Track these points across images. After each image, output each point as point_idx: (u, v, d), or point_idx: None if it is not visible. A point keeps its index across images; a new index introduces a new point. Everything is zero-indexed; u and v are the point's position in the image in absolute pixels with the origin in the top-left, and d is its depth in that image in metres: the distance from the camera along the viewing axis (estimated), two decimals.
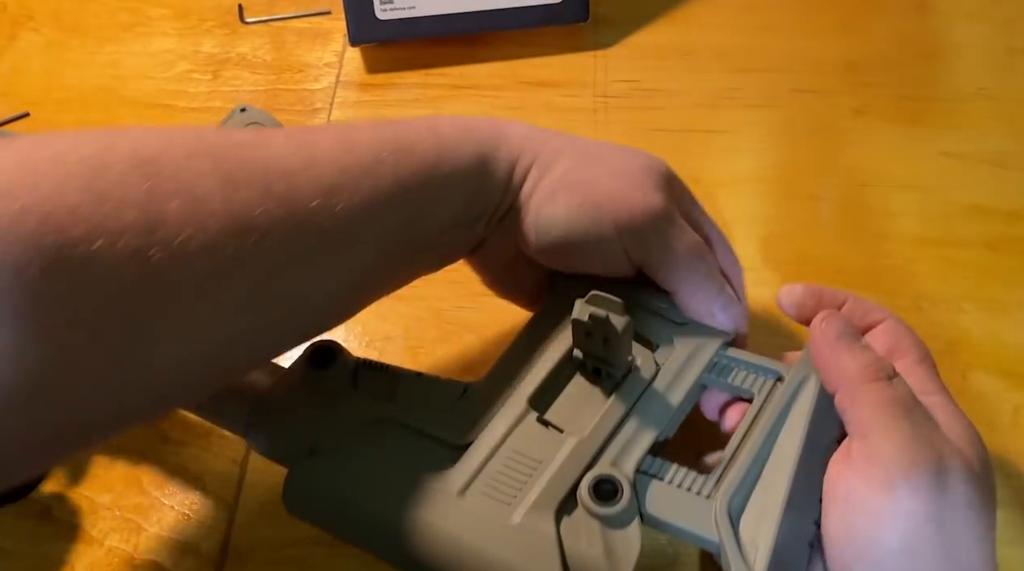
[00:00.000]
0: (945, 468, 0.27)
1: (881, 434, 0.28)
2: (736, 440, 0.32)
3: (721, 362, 0.34)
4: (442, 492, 0.30)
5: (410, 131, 0.33)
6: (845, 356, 0.30)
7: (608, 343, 0.32)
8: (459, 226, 0.34)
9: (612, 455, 0.31)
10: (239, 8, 0.64)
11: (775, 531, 0.28)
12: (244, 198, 0.27)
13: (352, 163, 0.30)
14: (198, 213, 0.26)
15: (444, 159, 0.33)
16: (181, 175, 0.26)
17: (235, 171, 0.27)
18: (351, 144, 0.31)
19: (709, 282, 0.34)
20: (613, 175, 0.34)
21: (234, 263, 0.26)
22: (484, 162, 0.34)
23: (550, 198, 0.34)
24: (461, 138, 0.34)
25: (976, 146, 0.53)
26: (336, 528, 0.32)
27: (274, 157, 0.29)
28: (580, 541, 0.29)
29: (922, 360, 0.33)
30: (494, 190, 0.34)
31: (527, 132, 0.36)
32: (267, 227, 0.27)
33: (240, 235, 0.27)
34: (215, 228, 0.26)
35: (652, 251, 0.34)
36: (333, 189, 0.29)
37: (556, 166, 0.35)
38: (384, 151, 0.31)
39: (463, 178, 0.33)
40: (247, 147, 0.29)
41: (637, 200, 0.34)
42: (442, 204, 0.33)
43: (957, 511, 0.27)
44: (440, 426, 0.33)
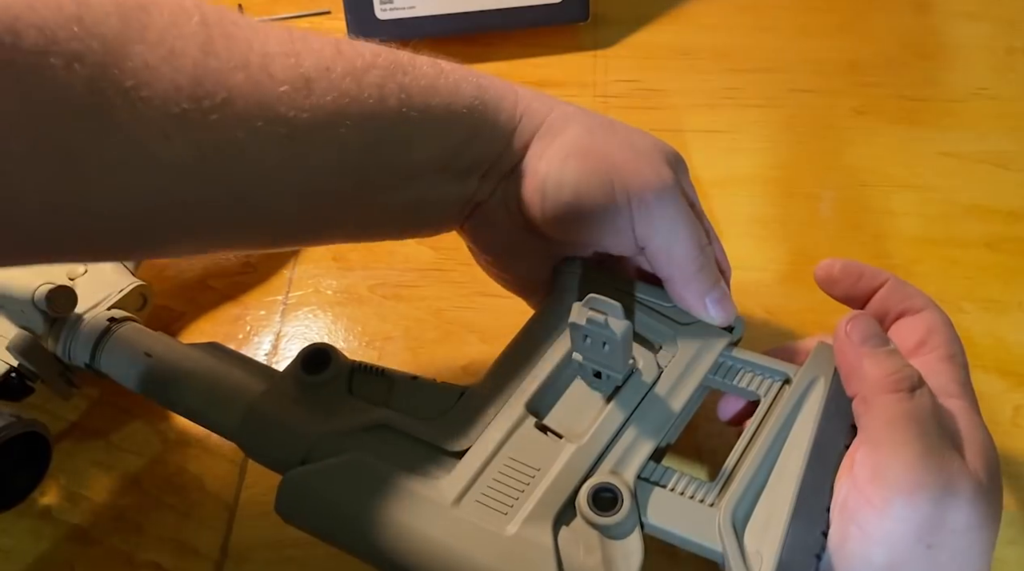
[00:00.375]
0: (950, 491, 0.26)
1: (889, 449, 0.27)
2: (741, 445, 0.31)
3: (726, 363, 0.34)
4: (437, 501, 0.30)
5: (409, 61, 0.32)
6: (867, 361, 0.29)
7: (607, 347, 0.31)
8: (446, 171, 0.33)
9: (612, 462, 0.30)
10: (239, 8, 0.64)
11: (781, 541, 0.27)
12: (215, 66, 0.27)
13: (337, 64, 0.30)
14: (163, 65, 0.25)
15: (438, 88, 0.32)
16: (162, 26, 0.26)
17: (217, 39, 0.27)
18: (343, 50, 0.30)
19: (705, 272, 0.34)
20: (625, 147, 0.34)
21: (184, 122, 0.26)
22: (484, 107, 0.33)
23: (561, 161, 0.33)
24: (462, 77, 0.33)
25: (976, 146, 0.53)
26: (330, 536, 0.31)
27: (261, 40, 0.28)
28: (578, 552, 0.28)
29: (951, 357, 0.31)
30: (493, 140, 0.33)
31: (536, 94, 0.35)
32: (227, 98, 0.27)
33: (197, 98, 0.26)
34: (174, 84, 0.26)
35: (657, 227, 0.33)
36: (308, 81, 0.29)
37: (567, 131, 0.34)
38: (376, 65, 0.31)
39: (456, 114, 0.32)
40: (240, 25, 0.28)
41: (649, 173, 0.33)
42: (428, 135, 0.32)
43: (954, 535, 0.26)
44: (435, 432, 0.32)
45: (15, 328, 0.40)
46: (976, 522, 0.26)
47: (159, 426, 0.43)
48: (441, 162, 0.33)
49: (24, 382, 0.41)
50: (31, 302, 0.39)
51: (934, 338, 0.32)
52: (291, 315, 0.48)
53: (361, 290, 0.48)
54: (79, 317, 0.40)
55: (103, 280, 0.42)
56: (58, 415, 0.43)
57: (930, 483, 0.26)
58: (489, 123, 0.33)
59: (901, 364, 0.29)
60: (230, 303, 0.48)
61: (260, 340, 0.47)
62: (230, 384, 0.35)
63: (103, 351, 0.39)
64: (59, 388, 0.41)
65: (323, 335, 0.47)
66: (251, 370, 0.36)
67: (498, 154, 0.34)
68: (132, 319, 0.41)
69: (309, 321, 0.48)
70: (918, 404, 0.28)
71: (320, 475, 0.31)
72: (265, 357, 0.46)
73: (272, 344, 0.47)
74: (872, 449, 0.28)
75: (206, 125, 0.26)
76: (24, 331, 0.40)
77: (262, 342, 0.47)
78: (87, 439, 0.43)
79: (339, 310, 0.48)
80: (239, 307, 0.48)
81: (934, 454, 0.27)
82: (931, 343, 0.32)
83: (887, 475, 0.26)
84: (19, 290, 0.39)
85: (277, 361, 0.46)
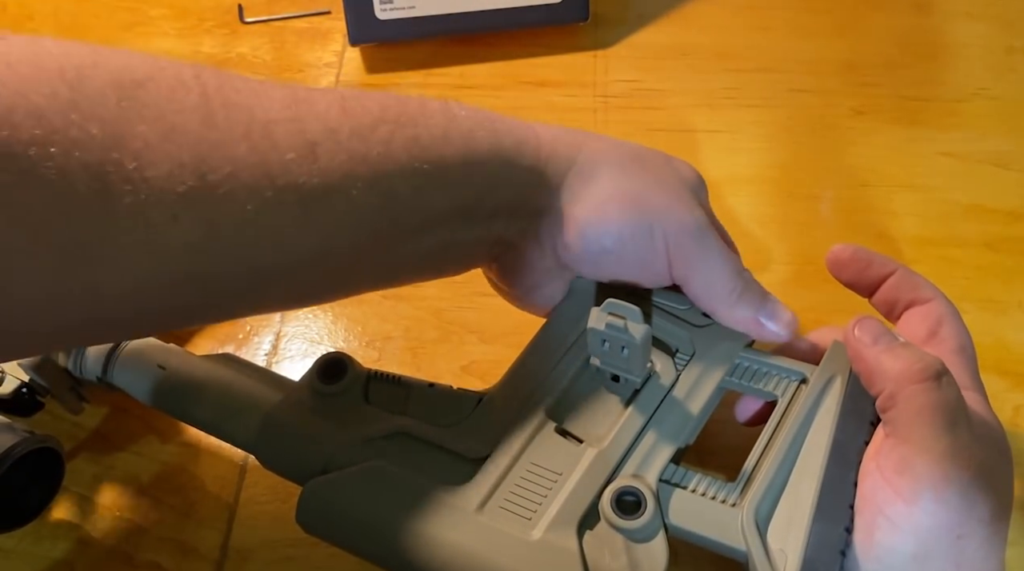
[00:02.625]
0: (976, 483, 0.26)
1: (918, 443, 0.27)
2: (761, 445, 0.31)
3: (743, 364, 0.34)
4: (460, 508, 0.30)
5: (419, 109, 0.31)
6: (886, 357, 0.29)
7: (626, 352, 0.31)
8: (469, 217, 0.32)
9: (634, 465, 0.30)
10: (239, 8, 0.64)
11: (805, 539, 0.28)
12: (217, 138, 0.26)
13: (343, 125, 0.29)
14: (164, 143, 0.25)
15: (451, 138, 0.31)
16: (160, 103, 0.25)
17: (218, 110, 0.26)
18: (349, 107, 0.29)
19: (748, 295, 0.33)
20: (658, 188, 0.34)
21: (190, 199, 0.25)
22: (504, 152, 0.32)
23: (600, 207, 0.33)
24: (476, 123, 0.32)
25: (976, 146, 0.53)
26: (353, 546, 0.31)
27: (263, 104, 0.28)
28: (604, 556, 0.28)
29: (961, 350, 0.31)
30: (517, 185, 0.33)
31: (559, 134, 0.35)
32: (232, 171, 0.26)
33: (201, 174, 0.25)
34: (178, 161, 0.25)
35: (693, 266, 0.33)
36: (314, 146, 0.28)
37: (601, 173, 0.34)
38: (384, 120, 0.30)
39: (473, 163, 0.32)
40: (241, 92, 0.27)
41: (684, 213, 0.33)
42: (444, 186, 0.31)
43: (981, 524, 0.26)
44: (455, 439, 0.32)
45: None
46: (996, 513, 0.27)
47: (159, 426, 0.43)
48: (461, 210, 0.32)
49: (35, 397, 0.40)
50: None
51: (944, 329, 0.32)
52: (291, 315, 0.48)
53: None
54: None
55: None
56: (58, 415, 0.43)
57: (957, 475, 0.26)
58: (510, 168, 0.33)
59: (921, 354, 0.29)
60: None
61: (260, 340, 0.47)
62: (245, 395, 0.35)
63: (115, 364, 0.39)
64: (70, 403, 0.41)
65: (323, 335, 0.47)
66: (266, 380, 0.36)
67: (524, 197, 0.33)
68: None
69: (309, 321, 0.48)
70: (946, 394, 0.28)
71: (341, 485, 0.31)
72: (265, 357, 0.46)
73: (272, 344, 0.47)
74: (899, 441, 0.27)
75: (213, 200, 0.26)
76: None
77: (262, 342, 0.47)
78: (87, 439, 0.43)
79: (339, 310, 0.48)
80: None
81: (962, 446, 0.27)
82: (941, 334, 0.32)
83: (916, 467, 0.27)
84: None
85: (277, 361, 0.46)
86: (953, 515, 0.26)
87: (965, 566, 0.26)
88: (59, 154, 0.23)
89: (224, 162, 0.26)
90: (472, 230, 0.33)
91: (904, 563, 0.26)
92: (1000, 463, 0.28)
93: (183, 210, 0.25)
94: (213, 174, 0.26)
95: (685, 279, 0.34)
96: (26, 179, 0.23)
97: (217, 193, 0.26)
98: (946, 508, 0.26)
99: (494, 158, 0.32)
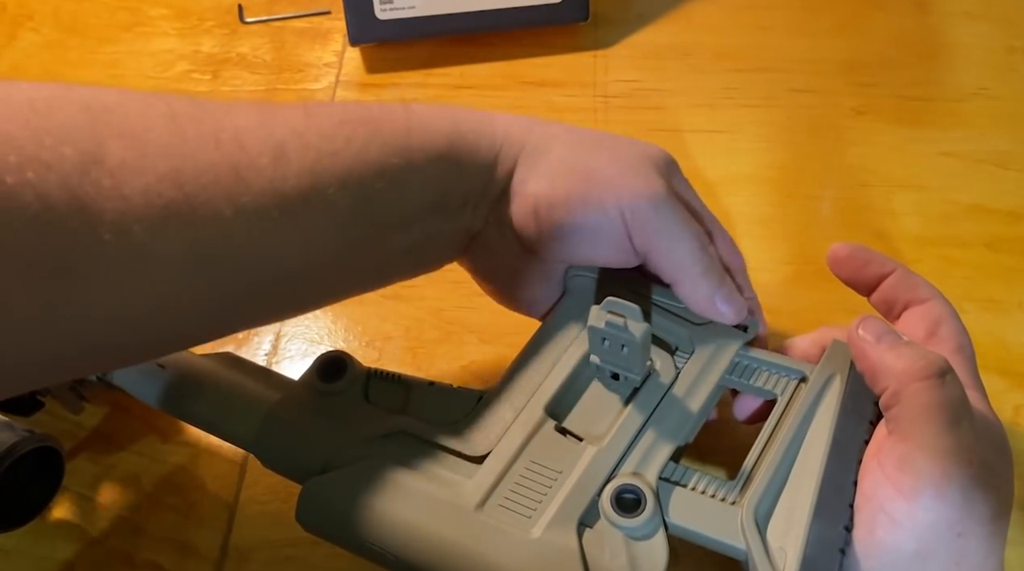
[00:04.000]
0: (977, 481, 0.26)
1: (920, 440, 0.27)
2: (760, 443, 0.31)
3: (742, 363, 0.34)
4: (459, 506, 0.30)
5: (380, 109, 0.32)
6: (890, 355, 0.29)
7: (625, 350, 0.31)
8: (438, 212, 0.33)
9: (633, 464, 0.30)
10: (239, 8, 0.64)
11: (804, 537, 0.28)
12: (190, 149, 0.26)
13: (308, 127, 0.29)
14: (140, 158, 0.25)
15: (413, 131, 0.32)
16: (131, 122, 0.26)
17: (187, 125, 0.27)
18: (313, 114, 0.30)
19: (710, 273, 0.33)
20: (612, 161, 0.34)
21: (171, 211, 0.26)
22: (462, 140, 0.33)
23: (548, 182, 0.33)
24: (433, 119, 0.33)
25: (976, 146, 0.53)
26: (352, 545, 0.31)
27: (230, 116, 0.28)
28: (603, 554, 0.28)
29: (960, 349, 0.31)
30: (477, 171, 0.33)
31: (513, 119, 0.35)
32: (208, 179, 0.26)
33: (178, 184, 0.26)
34: (154, 173, 0.25)
35: (654, 236, 0.33)
36: (282, 146, 0.28)
37: (551, 150, 0.34)
38: (346, 123, 0.30)
39: (437, 153, 0.32)
40: (207, 109, 0.28)
41: (639, 184, 0.33)
42: (412, 184, 0.32)
43: (981, 523, 0.26)
44: (455, 437, 0.32)
45: None
46: (996, 511, 0.27)
47: (159, 426, 0.43)
48: (432, 203, 0.33)
49: (35, 397, 0.41)
50: None
51: (943, 329, 0.32)
52: None
53: None
54: None
55: None
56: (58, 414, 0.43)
57: (959, 473, 0.26)
58: (470, 156, 0.33)
59: (925, 352, 0.29)
60: None
61: (260, 340, 0.47)
62: (245, 394, 0.35)
63: None
64: (70, 403, 0.41)
65: (323, 335, 0.47)
66: (266, 380, 0.36)
67: (484, 183, 0.34)
68: None
69: (309, 321, 0.48)
70: (949, 392, 0.28)
71: (341, 483, 0.31)
72: (265, 357, 0.46)
73: (272, 344, 0.47)
74: (901, 438, 0.28)
75: (193, 210, 0.26)
76: None
77: (262, 342, 0.47)
78: (87, 439, 0.43)
79: (339, 310, 0.48)
80: None
81: (964, 444, 0.27)
82: (940, 334, 0.32)
83: (917, 464, 0.27)
84: None
85: (277, 361, 0.46)
86: (954, 513, 0.26)
87: (965, 564, 0.26)
88: (35, 179, 0.23)
89: (199, 171, 0.26)
90: (445, 223, 0.34)
91: (904, 561, 0.26)
92: (1001, 462, 0.28)
93: (165, 223, 0.26)
94: (190, 184, 0.26)
95: (647, 250, 0.33)
96: (6, 207, 0.23)
97: (196, 201, 0.26)
98: (947, 505, 0.26)
99: (455, 148, 0.33)
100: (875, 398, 0.30)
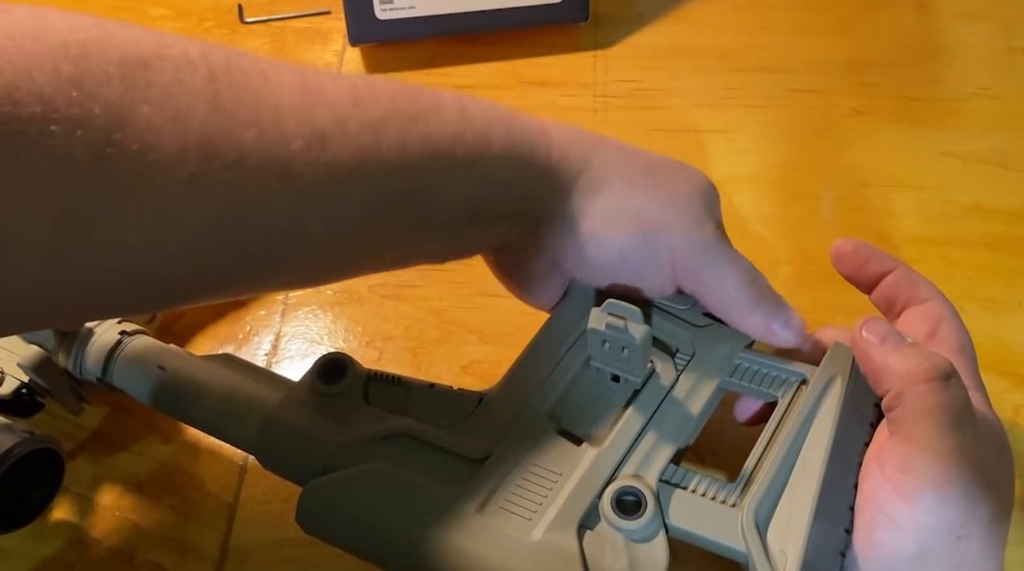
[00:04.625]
0: (978, 483, 0.26)
1: (922, 443, 0.27)
2: (761, 445, 0.31)
3: (743, 365, 0.34)
4: (460, 508, 0.30)
5: (433, 101, 0.30)
6: (894, 357, 0.29)
7: (626, 352, 0.31)
8: (473, 219, 0.32)
9: (634, 466, 0.30)
10: (239, 8, 0.64)
11: (804, 540, 0.28)
12: (225, 124, 0.25)
13: (354, 115, 0.28)
14: (170, 125, 0.24)
15: (464, 137, 0.30)
16: (166, 84, 0.25)
17: (226, 94, 0.26)
18: (360, 98, 0.29)
19: (763, 302, 0.33)
20: (667, 203, 0.33)
21: (194, 183, 0.25)
22: (514, 157, 0.32)
23: (602, 223, 0.33)
24: (490, 122, 0.31)
25: (976, 146, 0.53)
26: (352, 546, 0.31)
27: (272, 90, 0.27)
28: (604, 557, 0.28)
29: (960, 349, 0.31)
30: (525, 190, 0.33)
31: (569, 136, 0.34)
32: (238, 157, 0.25)
33: (207, 158, 0.25)
34: (183, 144, 0.24)
35: (702, 281, 0.33)
36: (323, 137, 0.27)
37: (608, 187, 0.33)
38: (396, 114, 0.29)
39: (484, 165, 0.31)
40: (250, 75, 0.27)
41: (690, 230, 0.33)
42: (453, 186, 0.31)
43: (982, 526, 0.26)
44: (455, 439, 0.32)
45: (24, 344, 0.40)
46: (996, 514, 0.27)
47: (159, 426, 0.43)
48: (468, 212, 0.32)
49: (35, 398, 0.40)
50: None
51: (943, 329, 0.32)
52: (291, 315, 0.48)
53: (361, 290, 0.48)
54: (90, 331, 0.40)
55: None
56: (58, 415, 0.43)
57: (960, 476, 0.26)
58: (519, 174, 0.32)
59: (929, 354, 0.29)
60: (230, 303, 0.48)
61: (260, 340, 0.47)
62: (245, 396, 0.35)
63: (115, 365, 0.39)
64: (69, 404, 0.41)
65: (323, 335, 0.47)
66: (266, 381, 0.36)
67: (530, 203, 0.33)
68: (142, 332, 0.41)
69: (309, 321, 0.48)
70: (953, 394, 0.28)
71: (342, 485, 0.31)
72: (265, 357, 0.46)
73: (272, 344, 0.47)
74: (903, 440, 0.27)
75: (217, 185, 0.25)
76: (35, 346, 0.40)
77: (262, 342, 0.47)
78: (87, 440, 0.43)
79: (339, 310, 0.48)
80: (239, 307, 0.48)
81: (966, 447, 0.27)
82: (940, 334, 0.32)
83: (918, 466, 0.26)
84: None
85: (277, 361, 0.46)
86: (954, 515, 0.26)
87: (965, 567, 0.26)
88: (60, 133, 0.22)
89: (230, 148, 0.25)
90: (477, 231, 0.33)
91: (904, 564, 0.26)
92: (1001, 463, 0.28)
93: (186, 194, 0.25)
94: (218, 159, 0.25)
95: (696, 292, 0.34)
96: (26, 157, 0.22)
97: (221, 179, 0.25)
98: (947, 508, 0.26)
99: (506, 161, 0.32)
100: (876, 400, 0.30)
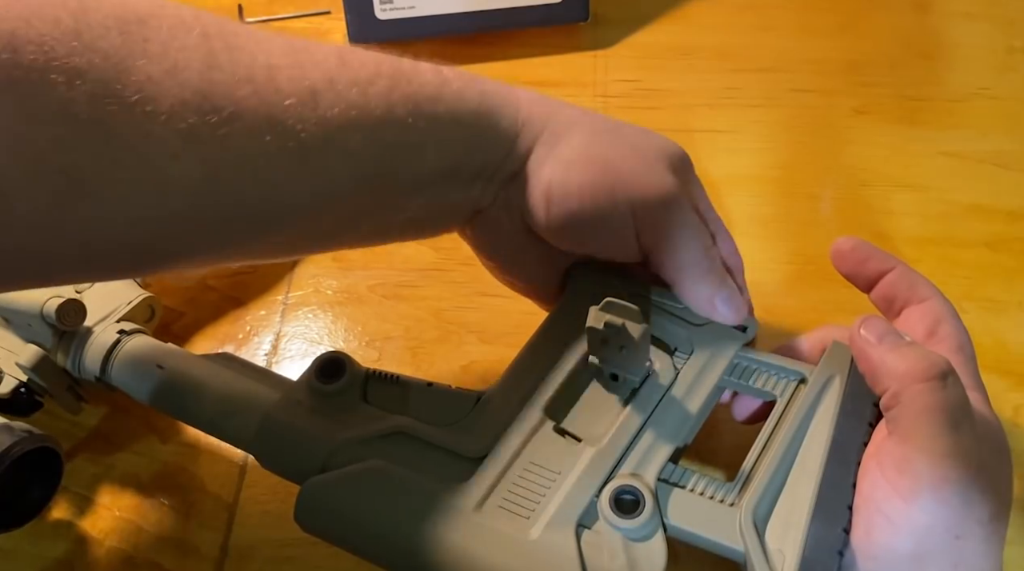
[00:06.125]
0: (976, 483, 0.26)
1: (920, 442, 0.27)
2: (759, 445, 0.31)
3: (741, 364, 0.34)
4: (458, 507, 0.30)
5: (413, 68, 0.32)
6: (892, 356, 0.29)
7: (624, 351, 0.31)
8: (453, 178, 0.33)
9: (632, 465, 0.30)
10: (239, 8, 0.64)
11: (803, 540, 0.28)
12: (221, 79, 0.26)
13: (341, 75, 0.29)
14: (167, 79, 0.25)
15: (443, 97, 0.32)
16: (164, 39, 0.25)
17: (220, 51, 0.26)
18: (347, 60, 0.30)
19: (712, 274, 0.33)
20: (629, 154, 0.34)
21: (191, 138, 0.25)
22: (487, 113, 0.33)
23: (564, 170, 0.33)
24: (465, 84, 0.33)
25: (976, 146, 0.53)
26: (351, 545, 0.31)
27: (264, 51, 0.28)
28: (602, 556, 0.28)
29: (960, 349, 0.31)
30: (496, 146, 0.33)
31: (538, 98, 0.35)
32: (234, 112, 0.26)
33: (204, 112, 0.25)
34: (180, 98, 0.25)
35: (661, 235, 0.33)
36: (314, 93, 0.28)
37: (570, 138, 0.34)
38: (380, 74, 0.30)
39: (461, 122, 0.32)
40: (241, 36, 0.28)
41: (652, 181, 0.33)
42: (435, 144, 0.32)
43: (979, 525, 0.26)
44: (453, 438, 0.32)
45: (23, 343, 0.40)
46: (995, 513, 0.27)
47: (158, 426, 0.43)
48: (448, 170, 0.33)
49: (33, 397, 0.41)
50: (40, 316, 0.39)
51: (942, 328, 0.32)
52: (291, 315, 0.48)
53: (361, 290, 0.48)
54: (88, 330, 0.40)
55: (111, 292, 0.42)
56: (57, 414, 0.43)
57: (957, 476, 0.26)
58: (493, 129, 0.33)
59: (927, 353, 0.29)
60: (230, 303, 0.48)
61: (260, 340, 0.47)
62: (244, 395, 0.35)
63: (114, 364, 0.39)
64: (68, 403, 0.41)
65: (323, 335, 0.47)
66: (264, 380, 0.36)
67: (500, 160, 0.34)
68: (141, 331, 0.41)
69: (309, 321, 0.48)
70: (951, 394, 0.27)
71: (340, 484, 0.31)
72: (265, 357, 0.46)
73: (272, 344, 0.47)
74: (901, 440, 0.27)
75: (214, 140, 0.26)
76: (34, 346, 0.40)
77: (262, 342, 0.47)
78: (87, 439, 0.43)
79: (339, 310, 0.48)
80: (239, 307, 0.48)
81: (964, 447, 0.27)
82: (940, 333, 0.32)
83: (916, 466, 0.26)
84: (27, 304, 0.39)
85: (277, 361, 0.46)
86: (952, 515, 0.26)
87: (963, 567, 0.26)
88: (61, 82, 0.23)
89: (226, 103, 0.26)
90: (454, 193, 0.34)
91: (901, 563, 0.26)
92: (1000, 463, 0.28)
93: (183, 148, 0.25)
94: (214, 114, 0.26)
95: (652, 247, 0.33)
96: (26, 106, 0.22)
97: (217, 133, 0.26)
98: (945, 508, 0.26)
99: (480, 119, 0.33)
100: (874, 400, 0.30)
